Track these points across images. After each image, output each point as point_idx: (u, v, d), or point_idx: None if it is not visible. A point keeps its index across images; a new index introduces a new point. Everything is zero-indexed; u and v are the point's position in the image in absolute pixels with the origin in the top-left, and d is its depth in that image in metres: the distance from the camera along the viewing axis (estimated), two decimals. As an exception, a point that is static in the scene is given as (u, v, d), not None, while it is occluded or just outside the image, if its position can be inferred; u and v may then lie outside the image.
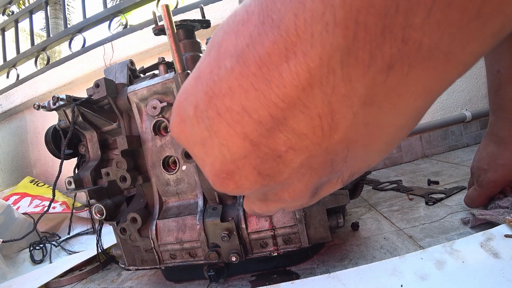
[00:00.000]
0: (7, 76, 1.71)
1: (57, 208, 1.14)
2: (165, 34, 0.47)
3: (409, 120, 0.14)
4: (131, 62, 0.62)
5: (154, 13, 0.57)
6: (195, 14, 1.25)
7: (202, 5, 0.67)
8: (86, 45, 1.48)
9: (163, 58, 0.57)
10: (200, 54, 0.52)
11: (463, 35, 0.10)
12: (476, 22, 0.10)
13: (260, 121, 0.12)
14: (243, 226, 0.48)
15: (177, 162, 0.54)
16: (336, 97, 0.11)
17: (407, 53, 0.10)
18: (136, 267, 0.55)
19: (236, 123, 0.12)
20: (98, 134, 0.58)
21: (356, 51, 0.11)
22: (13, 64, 1.69)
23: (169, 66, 0.58)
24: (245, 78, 0.12)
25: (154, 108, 0.52)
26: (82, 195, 1.22)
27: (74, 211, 1.07)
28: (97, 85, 0.52)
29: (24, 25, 1.77)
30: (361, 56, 0.11)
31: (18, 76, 1.67)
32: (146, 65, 0.64)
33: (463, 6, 0.10)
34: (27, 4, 1.76)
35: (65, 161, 0.56)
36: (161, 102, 0.52)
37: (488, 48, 0.11)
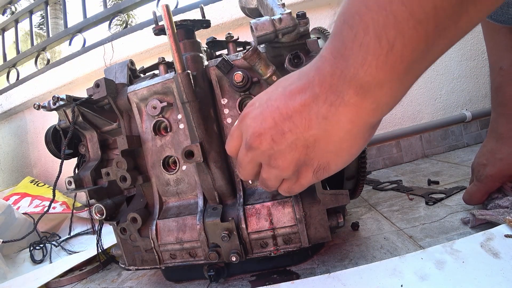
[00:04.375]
0: (7, 76, 1.71)
1: (57, 208, 1.14)
2: (165, 34, 0.47)
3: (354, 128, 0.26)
4: (131, 62, 0.62)
5: (154, 13, 0.57)
6: (195, 14, 1.25)
7: (202, 5, 0.67)
8: (86, 45, 1.48)
9: (163, 58, 0.57)
10: (200, 54, 0.52)
11: None
12: None
13: (281, 113, 0.27)
14: (243, 226, 0.48)
15: (177, 162, 0.54)
16: (312, 115, 0.27)
17: None
18: (136, 267, 0.55)
19: (272, 112, 0.28)
20: (98, 134, 0.58)
21: None
22: (13, 64, 1.69)
23: (169, 66, 0.58)
24: (283, 95, 0.28)
25: (154, 108, 0.52)
26: (82, 195, 1.22)
27: (74, 211, 1.07)
28: (97, 85, 0.52)
29: (24, 25, 1.77)
30: None
31: (18, 76, 1.67)
32: (146, 65, 0.64)
33: None
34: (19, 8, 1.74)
35: (65, 161, 0.56)
36: (161, 102, 0.52)
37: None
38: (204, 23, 0.55)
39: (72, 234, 1.00)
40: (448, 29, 0.20)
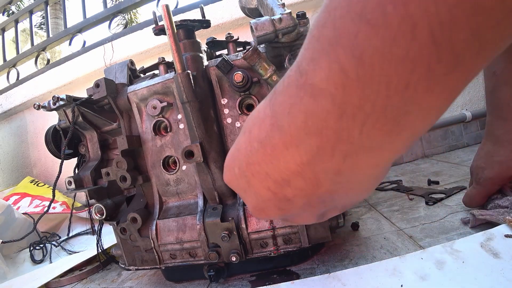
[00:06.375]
0: (7, 76, 1.71)
1: (57, 208, 1.14)
2: (165, 34, 0.47)
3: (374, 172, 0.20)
4: (131, 62, 0.62)
5: (154, 13, 0.57)
6: (195, 14, 1.25)
7: (202, 5, 0.67)
8: (86, 45, 1.48)
9: (163, 58, 0.57)
10: (200, 54, 0.52)
11: None
12: None
13: (276, 181, 0.20)
14: (243, 226, 0.48)
15: (177, 162, 0.54)
16: (319, 173, 0.18)
17: None
18: (136, 267, 0.55)
19: (262, 181, 0.20)
20: (98, 134, 0.58)
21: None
22: (13, 64, 1.69)
23: (169, 66, 0.58)
24: (266, 155, 0.19)
25: (154, 108, 0.52)
26: (82, 195, 1.22)
27: (74, 211, 1.07)
28: (97, 85, 0.52)
29: (24, 25, 1.77)
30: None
31: (18, 76, 1.67)
32: (146, 65, 0.64)
33: None
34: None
35: (65, 161, 0.56)
36: (161, 102, 0.52)
37: None
38: (204, 23, 0.55)
39: (72, 234, 1.00)
40: None
